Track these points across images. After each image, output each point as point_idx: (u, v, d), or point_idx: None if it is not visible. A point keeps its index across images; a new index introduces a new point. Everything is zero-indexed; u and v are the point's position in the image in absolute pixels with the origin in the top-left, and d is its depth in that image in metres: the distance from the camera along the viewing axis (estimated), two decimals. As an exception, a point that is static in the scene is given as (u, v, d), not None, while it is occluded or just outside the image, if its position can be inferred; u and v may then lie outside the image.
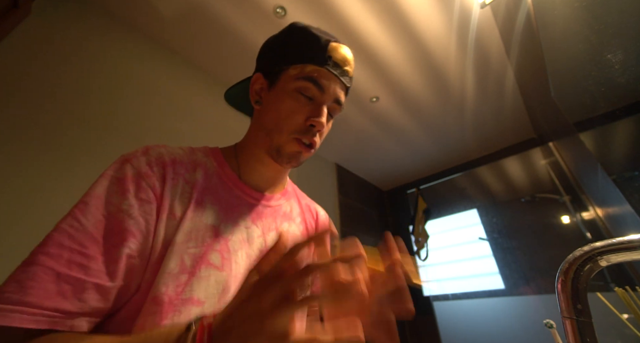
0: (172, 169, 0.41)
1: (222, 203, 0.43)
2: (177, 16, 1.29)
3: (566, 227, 1.83)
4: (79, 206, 0.34)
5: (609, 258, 0.36)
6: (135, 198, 0.36)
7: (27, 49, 0.97)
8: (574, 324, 0.36)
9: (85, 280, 0.30)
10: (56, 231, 0.32)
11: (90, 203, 0.34)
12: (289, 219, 0.52)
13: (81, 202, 0.34)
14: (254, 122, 0.51)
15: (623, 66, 0.74)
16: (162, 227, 0.36)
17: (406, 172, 2.68)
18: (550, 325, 0.58)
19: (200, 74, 1.53)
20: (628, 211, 0.92)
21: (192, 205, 0.39)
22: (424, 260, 2.31)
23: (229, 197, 0.45)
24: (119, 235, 0.33)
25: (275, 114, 0.45)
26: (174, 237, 0.36)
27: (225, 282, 0.37)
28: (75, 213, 0.33)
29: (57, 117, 0.98)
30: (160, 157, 0.41)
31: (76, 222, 0.32)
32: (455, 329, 1.82)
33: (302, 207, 0.57)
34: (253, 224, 0.45)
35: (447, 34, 1.41)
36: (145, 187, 0.37)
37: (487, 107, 1.90)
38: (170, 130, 1.28)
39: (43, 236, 0.32)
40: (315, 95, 0.45)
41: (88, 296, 0.30)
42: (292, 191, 0.57)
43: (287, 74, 0.46)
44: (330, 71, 0.45)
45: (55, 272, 0.29)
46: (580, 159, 1.36)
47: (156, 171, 0.39)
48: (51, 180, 0.91)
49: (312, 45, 0.46)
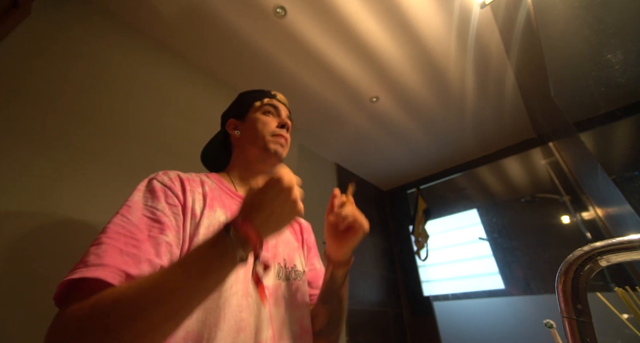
0: (187, 183, 0.53)
1: (226, 207, 0.57)
2: (176, 16, 1.29)
3: (566, 227, 1.83)
4: (124, 208, 0.44)
5: (609, 258, 0.36)
6: (166, 203, 0.47)
7: (27, 49, 0.97)
8: (574, 324, 0.36)
9: (140, 255, 0.39)
10: (111, 224, 0.41)
11: (133, 207, 0.45)
12: None
13: (125, 205, 0.45)
14: (236, 147, 0.71)
15: (623, 66, 0.74)
16: (188, 224, 0.48)
17: (406, 172, 2.68)
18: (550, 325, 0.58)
19: (200, 73, 1.53)
20: (628, 211, 0.92)
21: (207, 208, 0.52)
22: (424, 260, 2.31)
23: (230, 203, 0.59)
24: (158, 227, 0.43)
25: (254, 130, 0.67)
26: (196, 230, 0.48)
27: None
28: (123, 212, 0.43)
29: (56, 117, 0.98)
30: (178, 175, 0.54)
31: (124, 218, 0.42)
32: (455, 329, 1.82)
33: None
34: None
35: (447, 34, 1.41)
36: (172, 195, 0.49)
37: (487, 107, 1.90)
38: (170, 130, 1.28)
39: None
40: (275, 114, 0.71)
41: (143, 266, 0.38)
42: None
43: (253, 108, 0.71)
44: (279, 100, 0.73)
45: (118, 248, 0.38)
46: (580, 159, 1.36)
47: (177, 184, 0.52)
48: (50, 180, 0.91)
49: (262, 91, 0.75)
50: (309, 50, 1.46)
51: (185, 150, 1.30)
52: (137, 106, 1.21)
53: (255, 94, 0.74)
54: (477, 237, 2.14)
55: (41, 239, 0.83)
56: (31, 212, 0.84)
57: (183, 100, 1.39)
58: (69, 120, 1.00)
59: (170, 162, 1.22)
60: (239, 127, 0.71)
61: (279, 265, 0.58)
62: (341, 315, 0.62)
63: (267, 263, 0.54)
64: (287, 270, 0.59)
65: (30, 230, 0.82)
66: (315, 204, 1.60)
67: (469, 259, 2.15)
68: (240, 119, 0.71)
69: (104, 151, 1.05)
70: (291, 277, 0.60)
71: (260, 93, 0.74)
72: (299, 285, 0.61)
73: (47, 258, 0.82)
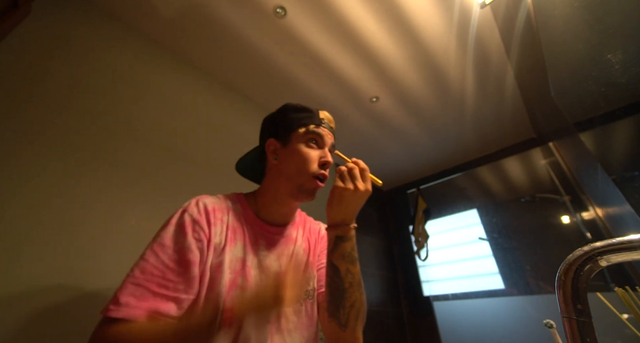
0: (213, 215, 0.58)
1: (246, 239, 0.61)
2: (177, 16, 1.29)
3: (566, 227, 1.83)
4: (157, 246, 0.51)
5: (609, 258, 0.36)
6: (193, 238, 0.53)
7: (27, 49, 0.97)
8: (574, 324, 0.36)
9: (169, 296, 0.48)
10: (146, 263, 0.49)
11: (165, 244, 0.51)
12: (295, 243, 0.68)
13: (158, 243, 0.52)
14: (271, 174, 0.68)
15: (623, 66, 0.74)
16: (210, 256, 0.54)
17: (406, 172, 2.68)
18: (550, 325, 0.58)
19: (200, 74, 1.53)
20: (628, 211, 0.92)
21: (228, 243, 0.57)
22: (424, 260, 2.31)
23: (251, 234, 0.62)
24: (186, 264, 0.51)
25: (295, 163, 0.63)
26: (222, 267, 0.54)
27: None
28: (156, 250, 0.51)
29: (56, 117, 0.98)
30: (205, 207, 0.58)
31: (158, 258, 0.50)
32: (455, 329, 1.82)
33: (305, 230, 0.74)
34: (270, 253, 0.63)
35: (447, 34, 1.41)
36: (199, 230, 0.54)
37: (487, 107, 1.90)
38: (170, 130, 1.27)
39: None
40: (319, 144, 0.66)
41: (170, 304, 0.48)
42: (299, 220, 0.74)
43: (296, 133, 0.65)
44: (325, 127, 0.67)
45: (152, 292, 0.47)
46: (580, 159, 1.36)
47: (204, 217, 0.56)
48: (49, 179, 0.90)
49: (308, 113, 0.68)
50: (309, 50, 1.46)
51: (185, 150, 1.30)
52: (137, 106, 1.21)
53: (301, 115, 0.67)
54: (477, 237, 2.14)
55: (50, 244, 0.83)
56: (35, 213, 0.84)
57: (183, 100, 1.39)
58: (69, 120, 1.00)
59: (170, 163, 1.22)
60: (278, 152, 0.67)
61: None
62: (342, 290, 0.57)
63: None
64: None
65: (34, 230, 0.82)
66: (316, 204, 1.59)
67: (469, 259, 2.15)
68: (281, 141, 0.67)
69: (104, 152, 1.05)
70: (301, 298, 0.62)
71: (307, 115, 0.67)
72: (307, 307, 0.63)
73: (50, 259, 0.82)
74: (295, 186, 0.63)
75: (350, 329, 0.57)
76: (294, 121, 0.66)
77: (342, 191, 0.58)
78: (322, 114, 0.69)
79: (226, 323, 0.46)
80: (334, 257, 0.58)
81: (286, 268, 0.57)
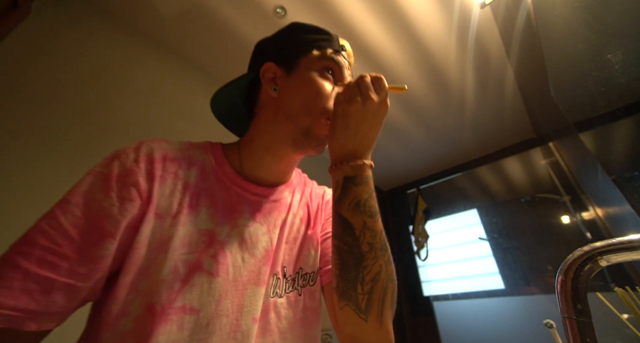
0: (161, 166, 0.38)
1: (218, 205, 0.41)
2: (177, 16, 1.29)
3: (566, 227, 1.83)
4: (60, 204, 0.33)
5: (609, 258, 0.36)
6: (118, 197, 0.34)
7: (27, 49, 0.97)
8: (574, 324, 0.36)
9: (55, 279, 0.29)
10: (33, 228, 0.32)
11: (72, 202, 0.33)
12: (289, 210, 0.49)
13: (63, 199, 0.33)
14: (265, 112, 0.48)
15: (623, 66, 0.74)
16: (148, 227, 0.35)
17: (406, 172, 2.68)
18: (550, 325, 0.58)
19: (200, 73, 1.53)
20: (628, 211, 0.92)
21: (185, 210, 0.38)
22: (424, 260, 2.31)
23: (226, 197, 0.43)
24: (97, 234, 0.32)
25: (302, 96, 0.44)
26: (168, 244, 0.35)
27: (221, 287, 0.36)
28: (55, 211, 0.32)
29: (56, 117, 0.98)
30: (150, 154, 0.39)
31: (54, 221, 0.32)
32: (455, 329, 1.82)
33: (304, 195, 0.54)
34: (256, 222, 0.43)
35: (447, 34, 1.41)
36: (130, 185, 0.35)
37: (487, 107, 1.90)
38: (170, 130, 1.28)
39: None
40: (337, 76, 0.47)
41: (56, 295, 0.29)
42: (298, 182, 0.54)
43: (308, 57, 0.46)
44: (345, 59, 0.49)
45: (23, 270, 0.28)
46: (580, 159, 1.36)
47: (143, 168, 0.37)
48: (50, 179, 0.91)
49: (326, 34, 0.48)
50: (309, 50, 1.46)
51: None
52: (137, 106, 1.21)
53: (315, 35, 0.48)
54: (477, 237, 2.14)
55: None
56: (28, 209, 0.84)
57: (182, 100, 1.39)
58: (69, 120, 1.00)
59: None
60: (279, 81, 0.47)
61: (275, 277, 0.42)
62: (359, 256, 0.38)
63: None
64: (287, 281, 0.43)
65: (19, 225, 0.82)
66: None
67: (469, 259, 2.15)
68: (283, 67, 0.47)
69: (104, 151, 1.05)
70: (297, 284, 0.44)
71: (324, 37, 0.48)
72: (306, 296, 0.45)
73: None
74: (298, 129, 0.44)
75: (374, 316, 0.36)
76: (305, 42, 0.47)
77: (346, 108, 0.40)
78: (343, 43, 0.51)
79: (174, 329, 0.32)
80: (343, 207, 0.40)
81: (277, 244, 0.44)
